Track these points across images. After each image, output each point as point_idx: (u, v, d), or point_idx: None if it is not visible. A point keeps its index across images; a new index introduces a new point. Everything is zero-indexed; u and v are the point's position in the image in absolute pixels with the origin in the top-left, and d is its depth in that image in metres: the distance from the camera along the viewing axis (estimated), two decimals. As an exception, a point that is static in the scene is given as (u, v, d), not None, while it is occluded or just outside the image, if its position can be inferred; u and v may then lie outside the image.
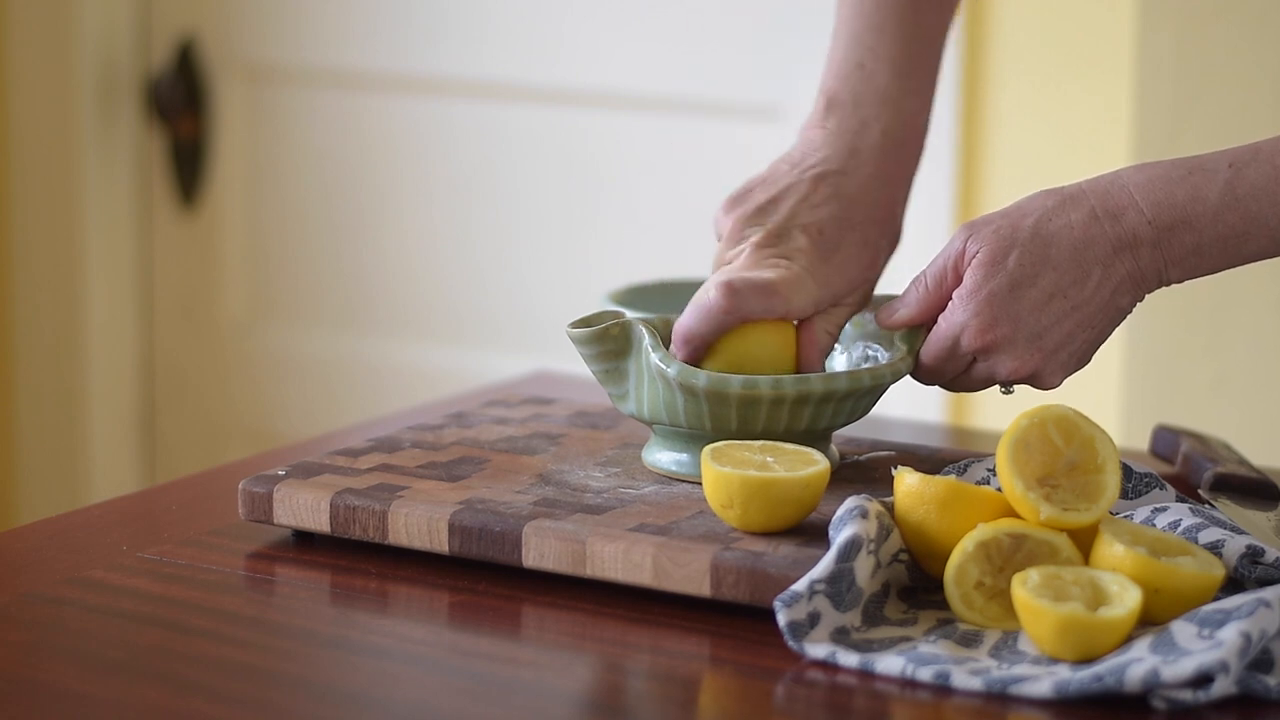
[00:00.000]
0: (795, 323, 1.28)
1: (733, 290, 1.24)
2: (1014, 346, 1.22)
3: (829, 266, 1.29)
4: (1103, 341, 1.24)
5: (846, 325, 1.33)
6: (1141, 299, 1.23)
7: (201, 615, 1.14)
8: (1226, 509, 1.22)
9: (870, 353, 1.31)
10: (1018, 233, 1.22)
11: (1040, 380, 1.24)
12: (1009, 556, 1.10)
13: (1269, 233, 1.20)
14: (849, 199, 1.31)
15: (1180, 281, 1.22)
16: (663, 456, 1.28)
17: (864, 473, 1.29)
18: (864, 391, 1.25)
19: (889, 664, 1.05)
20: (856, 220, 1.30)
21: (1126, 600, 1.05)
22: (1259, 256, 1.21)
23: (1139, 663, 1.01)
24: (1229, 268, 1.22)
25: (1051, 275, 1.21)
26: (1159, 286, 1.23)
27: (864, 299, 1.31)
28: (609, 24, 2.52)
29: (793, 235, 1.29)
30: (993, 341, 1.22)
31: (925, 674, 1.04)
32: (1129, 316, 1.24)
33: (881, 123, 1.33)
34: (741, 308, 1.24)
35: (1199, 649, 1.02)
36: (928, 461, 1.30)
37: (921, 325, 1.27)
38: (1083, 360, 1.25)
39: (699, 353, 1.26)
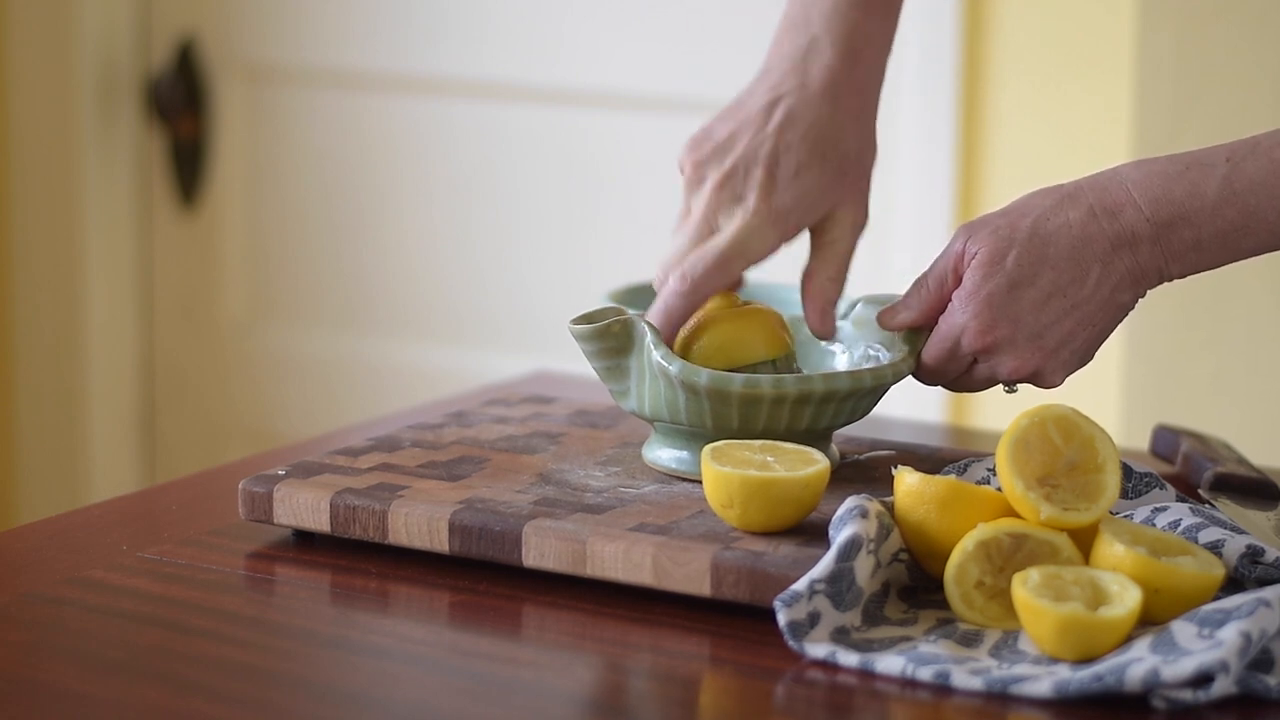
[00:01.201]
0: (776, 311, 1.30)
1: (686, 279, 1.28)
2: (1014, 346, 1.22)
3: (789, 194, 1.30)
4: (1104, 339, 1.24)
5: (847, 326, 1.33)
6: (1143, 295, 1.23)
7: (201, 615, 1.14)
8: (1226, 509, 1.22)
9: (872, 353, 1.31)
10: (1016, 232, 1.21)
11: (1041, 379, 1.24)
12: (1009, 556, 1.10)
13: (1268, 227, 1.19)
14: (804, 120, 1.31)
15: (1181, 277, 1.22)
16: (663, 454, 1.28)
17: (864, 473, 1.29)
18: (865, 391, 1.25)
19: (889, 664, 1.05)
20: (813, 138, 1.31)
21: (1126, 600, 1.05)
22: (1259, 251, 1.21)
23: (1139, 663, 1.01)
24: (1229, 262, 1.22)
25: (1050, 274, 1.21)
26: (1160, 283, 1.22)
27: (853, 227, 1.32)
28: (609, 24, 2.52)
29: (749, 171, 1.30)
30: (993, 342, 1.22)
31: (925, 674, 1.04)
32: (1129, 314, 1.24)
33: (830, 36, 1.33)
34: (700, 290, 1.28)
35: (1199, 649, 1.01)
36: (928, 461, 1.30)
37: (923, 326, 1.27)
38: (1084, 358, 1.24)
39: (671, 340, 1.28)
